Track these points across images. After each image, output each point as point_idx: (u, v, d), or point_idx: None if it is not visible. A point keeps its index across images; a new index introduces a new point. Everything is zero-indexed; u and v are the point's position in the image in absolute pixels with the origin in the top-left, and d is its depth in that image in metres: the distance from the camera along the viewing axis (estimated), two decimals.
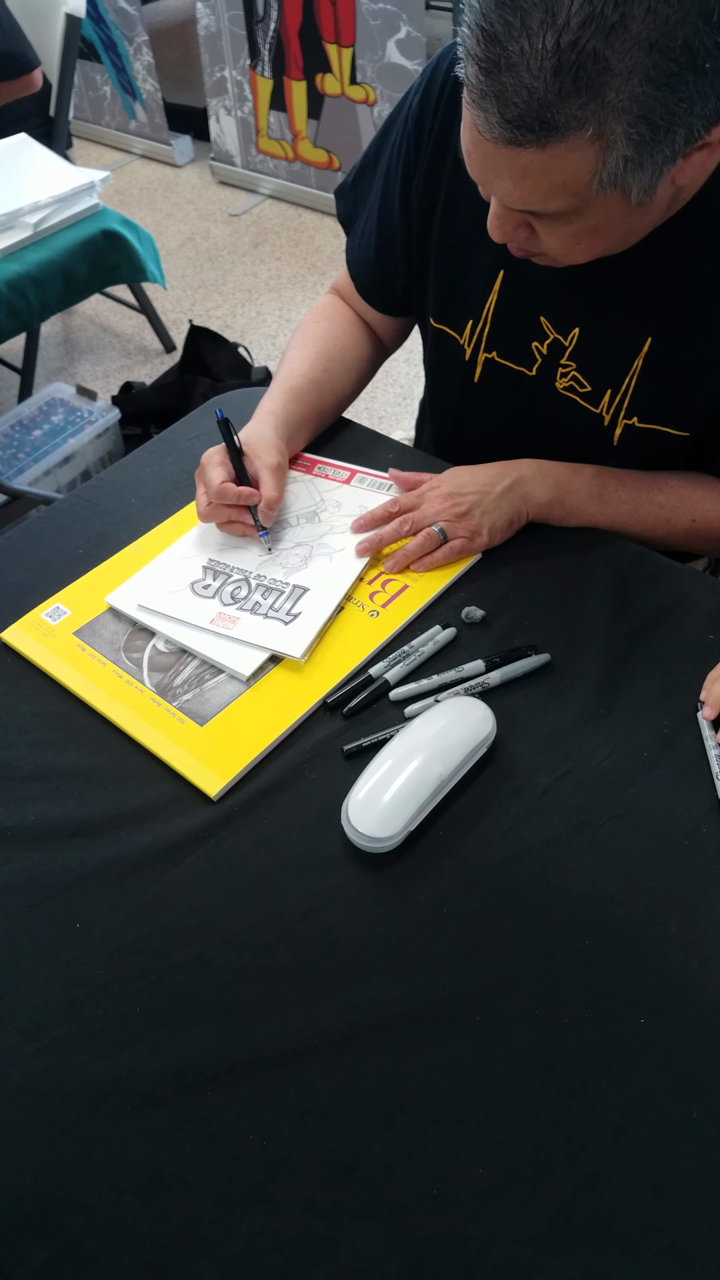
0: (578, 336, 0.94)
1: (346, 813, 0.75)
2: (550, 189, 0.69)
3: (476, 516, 0.95)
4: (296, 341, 1.10)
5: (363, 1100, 0.63)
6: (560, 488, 0.97)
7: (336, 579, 0.93)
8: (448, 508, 0.96)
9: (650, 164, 0.67)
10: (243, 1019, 0.67)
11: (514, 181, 0.70)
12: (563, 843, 0.75)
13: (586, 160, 0.66)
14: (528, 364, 0.99)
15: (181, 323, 2.83)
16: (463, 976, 0.68)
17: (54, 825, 0.77)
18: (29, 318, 1.82)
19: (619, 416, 0.96)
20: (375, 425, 1.16)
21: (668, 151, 0.67)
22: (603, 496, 0.97)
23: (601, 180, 0.68)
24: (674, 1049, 0.65)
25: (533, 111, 0.64)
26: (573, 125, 0.64)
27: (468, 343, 1.02)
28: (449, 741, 0.78)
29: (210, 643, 0.88)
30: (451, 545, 0.95)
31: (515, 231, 0.78)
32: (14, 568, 0.98)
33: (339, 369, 1.09)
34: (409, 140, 0.97)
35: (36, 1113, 0.63)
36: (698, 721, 0.82)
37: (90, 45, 3.51)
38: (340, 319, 1.13)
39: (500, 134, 0.66)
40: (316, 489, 1.04)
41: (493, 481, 0.97)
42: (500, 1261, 0.57)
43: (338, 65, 2.97)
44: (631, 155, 0.66)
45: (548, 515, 0.98)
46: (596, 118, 0.63)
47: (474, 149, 0.72)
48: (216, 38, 3.19)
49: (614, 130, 0.64)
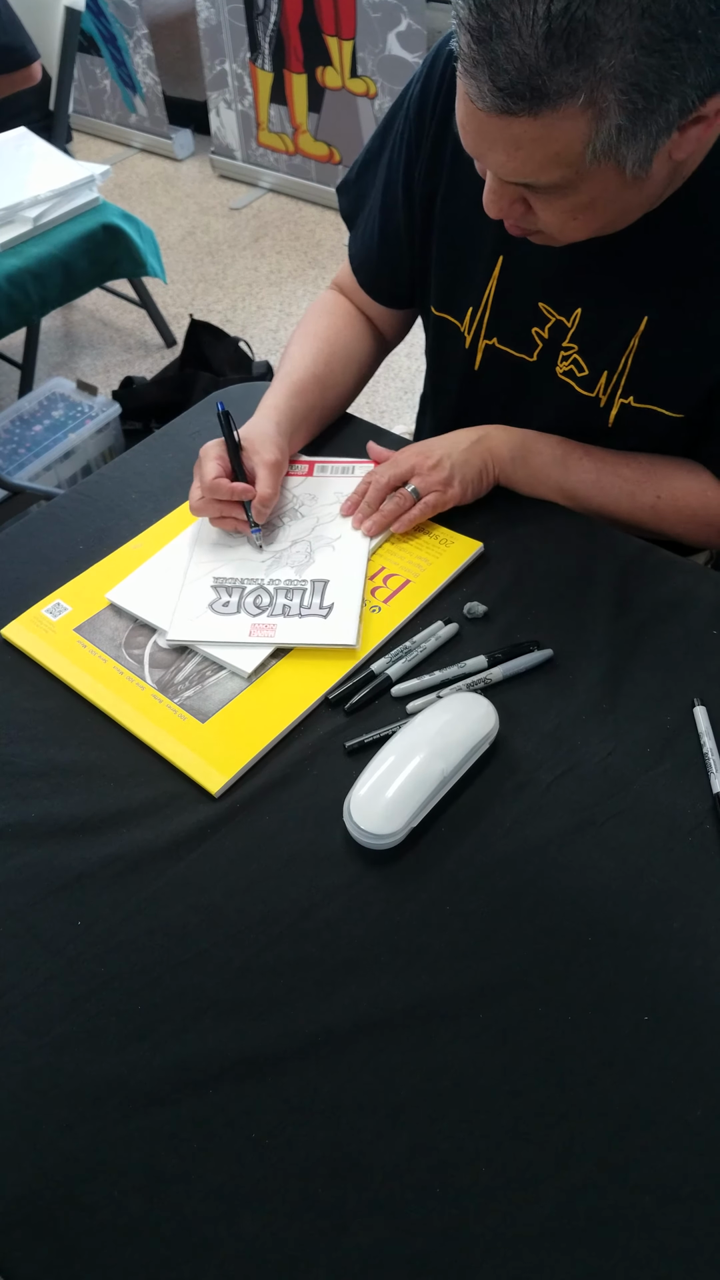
0: (580, 317, 0.94)
1: (349, 809, 0.75)
2: (544, 159, 0.69)
3: (447, 467, 0.97)
4: (298, 337, 1.10)
5: (365, 1098, 0.63)
6: (524, 447, 0.99)
7: (350, 563, 0.94)
8: (419, 461, 0.98)
9: (644, 134, 0.67)
10: (245, 1016, 0.66)
11: (507, 153, 0.70)
12: (565, 839, 0.75)
13: (579, 129, 0.66)
14: (528, 350, 0.99)
15: (182, 317, 2.82)
16: (465, 974, 0.68)
17: (55, 822, 0.77)
18: (29, 312, 1.81)
19: (615, 396, 0.96)
20: (376, 420, 1.16)
21: (662, 121, 0.67)
22: (566, 462, 0.99)
23: (595, 151, 0.68)
24: (677, 1046, 0.65)
25: (524, 79, 0.63)
26: (565, 93, 0.64)
27: (468, 330, 1.02)
28: (451, 738, 0.77)
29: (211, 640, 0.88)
30: (426, 500, 0.97)
31: (511, 207, 0.78)
32: (14, 563, 0.97)
33: (341, 364, 1.09)
34: (410, 130, 0.97)
35: (38, 1110, 0.63)
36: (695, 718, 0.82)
37: (90, 39, 3.50)
38: (341, 314, 1.13)
39: (492, 103, 0.66)
40: (286, 489, 1.03)
41: (460, 438, 1.00)
42: (503, 1259, 0.57)
43: (338, 58, 2.96)
44: (625, 124, 0.66)
45: (512, 475, 1.00)
46: (588, 85, 0.63)
47: (468, 121, 0.71)
48: (216, 31, 3.17)
49: (606, 98, 0.64)
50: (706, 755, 0.79)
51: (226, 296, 2.99)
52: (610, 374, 0.94)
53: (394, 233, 1.04)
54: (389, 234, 1.05)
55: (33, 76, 2.19)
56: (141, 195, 3.50)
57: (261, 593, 0.92)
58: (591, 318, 0.93)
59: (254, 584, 0.92)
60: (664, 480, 0.98)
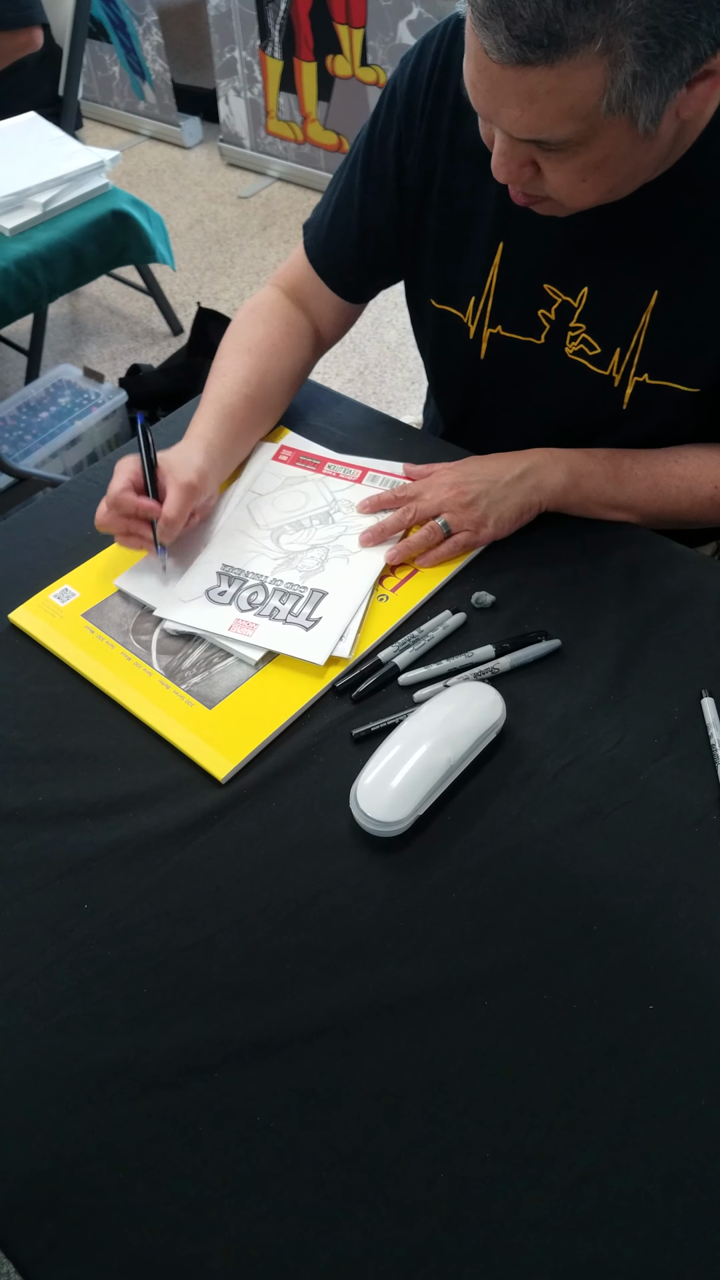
0: (587, 295, 0.93)
1: (355, 797, 0.75)
2: (558, 112, 0.69)
3: (482, 507, 0.93)
4: (231, 349, 1.05)
5: (370, 1084, 0.63)
6: (574, 472, 0.95)
7: (355, 581, 0.92)
8: (452, 497, 0.94)
9: (658, 83, 0.67)
10: (250, 1001, 0.67)
11: (521, 107, 0.69)
12: (571, 829, 0.75)
13: (595, 79, 0.66)
14: (535, 333, 0.98)
15: (189, 305, 2.82)
16: (470, 962, 0.68)
17: (62, 806, 0.77)
18: (37, 298, 1.81)
19: (629, 374, 0.95)
20: (384, 409, 1.15)
21: (675, 70, 0.67)
22: (619, 476, 0.95)
23: (610, 102, 0.68)
24: (682, 1036, 0.65)
25: (541, 25, 0.63)
26: (582, 38, 0.63)
27: (471, 320, 1.01)
28: (458, 726, 0.77)
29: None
30: (455, 539, 0.94)
31: (520, 170, 0.77)
32: (22, 549, 0.97)
33: (275, 380, 1.04)
34: (399, 124, 0.96)
35: (44, 1093, 0.63)
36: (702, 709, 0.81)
37: (99, 25, 3.49)
38: (278, 321, 1.07)
39: (508, 53, 0.66)
40: (328, 488, 1.01)
41: (502, 470, 0.95)
42: (506, 1246, 0.57)
43: (348, 46, 2.94)
44: (641, 70, 0.66)
45: (564, 502, 0.95)
46: (605, 30, 0.63)
47: (479, 77, 0.71)
48: (226, 18, 3.16)
49: (623, 43, 0.64)
50: (714, 746, 0.79)
51: (234, 285, 2.98)
52: (624, 351, 0.94)
53: (377, 230, 1.02)
54: (369, 230, 1.02)
55: (34, 42, 2.12)
56: (150, 183, 3.49)
57: (260, 590, 0.91)
58: (599, 296, 0.93)
59: (256, 579, 0.92)
60: (715, 469, 0.96)
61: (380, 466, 1.03)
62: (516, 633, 0.87)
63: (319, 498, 1.00)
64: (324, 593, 0.90)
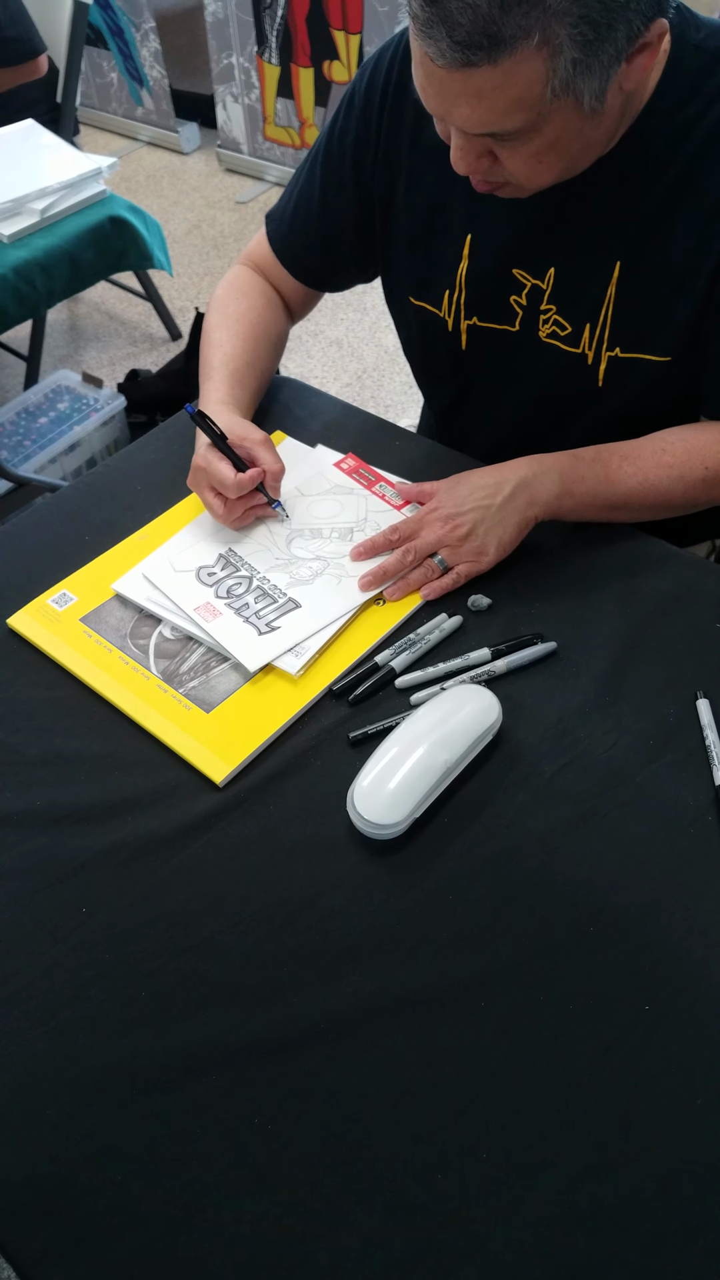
0: (554, 276, 0.95)
1: (352, 799, 0.75)
2: (507, 105, 0.72)
3: (480, 536, 0.91)
4: (219, 321, 1.09)
5: (367, 1085, 0.63)
6: (566, 479, 0.93)
7: (333, 604, 0.90)
8: (448, 532, 0.92)
9: (598, 65, 0.71)
10: (248, 1004, 0.67)
11: (471, 105, 0.73)
12: (567, 830, 0.75)
13: (537, 69, 0.70)
14: (510, 321, 1.00)
15: (187, 310, 2.82)
16: (467, 963, 0.69)
17: (60, 810, 0.77)
18: (36, 304, 1.81)
19: (601, 350, 0.96)
20: (382, 413, 1.16)
21: (612, 50, 0.71)
22: (610, 477, 0.94)
23: (554, 89, 0.71)
24: (678, 1036, 0.65)
25: (479, 29, 0.67)
26: (519, 35, 0.67)
27: (448, 314, 1.03)
28: (454, 729, 0.78)
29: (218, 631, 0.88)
30: (459, 571, 0.92)
31: (478, 161, 0.81)
32: (20, 554, 0.98)
33: (266, 346, 1.10)
34: (357, 126, 0.99)
35: (42, 1095, 0.63)
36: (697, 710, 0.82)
37: (97, 32, 3.50)
38: (258, 294, 1.12)
39: (452, 58, 0.69)
40: (366, 505, 1.00)
41: (493, 492, 0.92)
42: (503, 1246, 0.57)
43: (345, 52, 2.95)
44: (579, 56, 0.69)
45: (558, 510, 0.94)
46: (540, 25, 0.67)
47: (428, 82, 0.74)
48: (224, 24, 3.17)
49: (559, 34, 0.68)
50: (709, 748, 0.79)
51: None
52: (593, 327, 0.95)
53: (340, 231, 1.06)
54: (331, 228, 1.06)
55: (39, 69, 2.19)
56: (147, 189, 3.50)
57: (244, 583, 0.92)
58: (565, 273, 0.94)
59: (248, 572, 0.93)
60: (704, 451, 0.95)
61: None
62: (512, 635, 0.88)
63: (352, 512, 0.99)
64: (297, 604, 0.90)
